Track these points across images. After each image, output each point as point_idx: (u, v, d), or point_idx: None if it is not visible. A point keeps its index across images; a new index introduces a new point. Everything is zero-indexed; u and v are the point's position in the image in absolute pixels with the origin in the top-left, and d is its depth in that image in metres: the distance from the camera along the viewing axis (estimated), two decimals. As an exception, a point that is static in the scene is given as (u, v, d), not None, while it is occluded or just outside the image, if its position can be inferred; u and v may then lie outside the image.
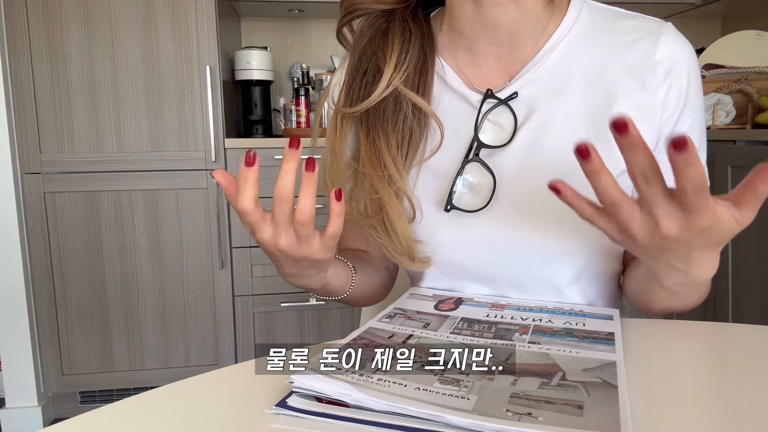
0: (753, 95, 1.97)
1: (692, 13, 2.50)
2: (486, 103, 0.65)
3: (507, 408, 0.38)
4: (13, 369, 1.96)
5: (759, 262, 1.71)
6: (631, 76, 0.62)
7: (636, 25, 0.64)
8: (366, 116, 0.66)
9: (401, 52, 0.65)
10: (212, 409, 0.42)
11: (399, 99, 0.65)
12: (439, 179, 0.66)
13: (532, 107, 0.64)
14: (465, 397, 0.39)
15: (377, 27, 0.67)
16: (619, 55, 0.63)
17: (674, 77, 0.62)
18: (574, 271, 0.66)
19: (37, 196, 1.90)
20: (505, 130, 0.64)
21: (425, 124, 0.66)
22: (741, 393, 0.44)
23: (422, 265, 0.67)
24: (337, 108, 0.68)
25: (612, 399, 0.39)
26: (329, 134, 0.68)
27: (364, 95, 0.65)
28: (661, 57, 0.62)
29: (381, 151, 0.64)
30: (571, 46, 0.65)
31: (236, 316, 2.07)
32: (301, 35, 2.57)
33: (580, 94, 0.63)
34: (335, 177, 0.67)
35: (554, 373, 0.44)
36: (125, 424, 0.40)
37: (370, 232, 0.67)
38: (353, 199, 0.67)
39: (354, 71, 0.67)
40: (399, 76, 0.64)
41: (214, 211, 1.98)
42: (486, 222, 0.65)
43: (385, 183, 0.64)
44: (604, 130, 0.62)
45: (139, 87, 1.91)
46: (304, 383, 0.41)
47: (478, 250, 0.66)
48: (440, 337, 0.51)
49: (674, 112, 0.63)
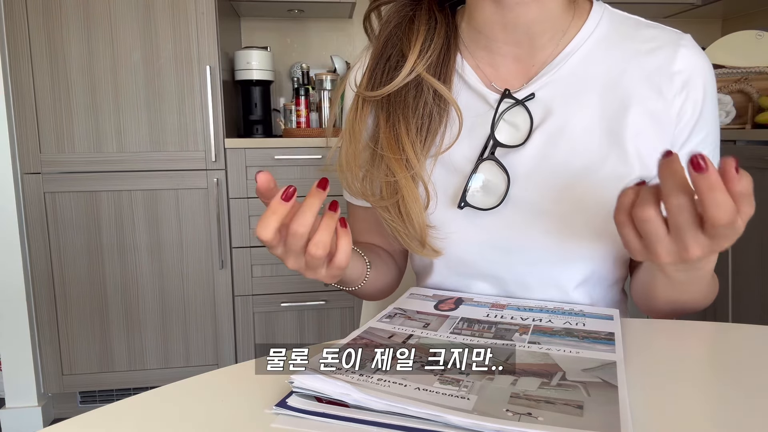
0: (753, 95, 1.97)
1: (692, 13, 2.50)
2: (503, 102, 0.65)
3: (507, 408, 0.38)
4: (13, 369, 1.96)
5: (759, 262, 1.71)
6: (648, 85, 0.63)
7: (655, 34, 0.65)
8: (387, 100, 0.66)
9: (426, 39, 0.66)
10: (212, 409, 0.42)
11: (420, 85, 0.65)
12: (453, 175, 0.66)
13: (548, 110, 0.64)
14: (465, 397, 0.39)
15: (404, 14, 0.68)
16: (637, 63, 0.64)
17: (691, 88, 0.63)
18: (582, 274, 0.66)
19: (37, 196, 1.90)
20: (520, 130, 0.65)
21: (445, 112, 0.66)
22: (741, 393, 0.44)
23: (433, 253, 0.67)
24: (359, 91, 0.68)
25: (612, 399, 0.39)
26: (349, 116, 0.69)
27: (387, 80, 0.66)
28: (680, 68, 0.63)
29: (400, 134, 0.65)
30: (590, 52, 0.65)
31: (236, 316, 2.07)
32: (301, 35, 2.57)
33: (596, 99, 0.64)
34: (352, 158, 0.67)
35: (554, 373, 0.44)
36: (125, 424, 0.40)
37: (383, 215, 0.67)
38: (368, 180, 0.67)
39: (378, 56, 0.68)
40: (423, 63, 0.65)
41: (214, 211, 1.98)
42: (498, 221, 0.65)
43: (403, 166, 0.64)
44: (619, 136, 0.63)
45: (139, 87, 1.91)
46: (304, 383, 0.41)
47: (489, 248, 0.66)
48: (440, 337, 0.51)
49: (689, 123, 0.63)
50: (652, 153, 0.63)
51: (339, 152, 0.69)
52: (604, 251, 0.65)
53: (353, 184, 0.68)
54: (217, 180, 1.96)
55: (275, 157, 1.98)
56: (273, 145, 2.01)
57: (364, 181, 0.67)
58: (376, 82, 0.67)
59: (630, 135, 0.62)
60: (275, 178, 0.49)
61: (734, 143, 1.82)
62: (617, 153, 0.62)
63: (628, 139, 0.62)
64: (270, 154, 1.98)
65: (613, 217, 0.48)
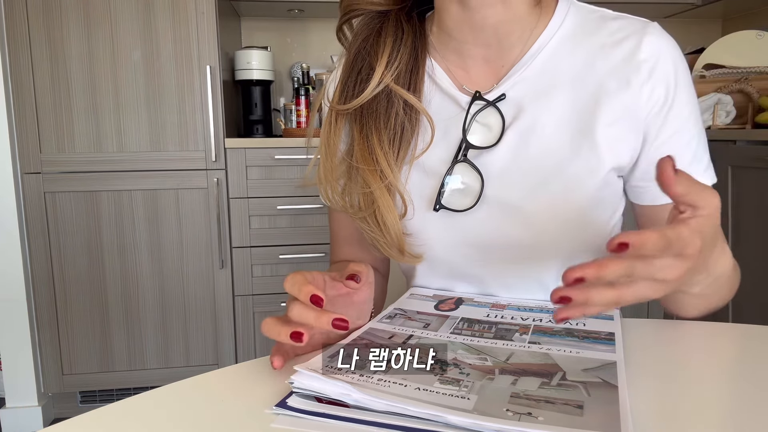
0: (753, 95, 1.97)
1: (692, 13, 2.50)
2: (474, 104, 0.65)
3: (507, 408, 0.38)
4: (13, 369, 1.96)
5: (759, 262, 1.71)
6: (616, 77, 0.63)
7: (621, 26, 0.64)
8: (359, 113, 0.67)
9: (393, 50, 0.66)
10: (212, 409, 0.42)
11: (391, 96, 0.66)
12: (429, 178, 0.67)
13: (519, 108, 0.65)
14: (465, 397, 0.39)
15: (372, 27, 0.69)
16: (604, 56, 0.64)
17: (659, 75, 0.62)
18: (560, 268, 0.66)
19: (37, 195, 1.90)
20: (493, 131, 0.65)
21: (416, 121, 0.67)
22: (741, 393, 0.44)
23: (413, 259, 0.68)
24: (332, 105, 0.69)
25: (612, 399, 0.39)
26: (324, 130, 0.69)
27: (358, 92, 0.66)
28: (645, 56, 0.62)
29: (373, 146, 0.65)
30: (557, 48, 0.65)
31: (236, 315, 2.07)
32: (301, 35, 2.57)
33: (566, 95, 0.64)
34: (329, 172, 0.68)
35: (554, 373, 0.44)
36: (125, 424, 0.40)
37: (362, 225, 0.68)
38: (346, 194, 0.68)
39: (349, 69, 0.68)
40: (390, 74, 0.65)
41: (214, 210, 1.98)
42: (474, 221, 0.66)
43: (377, 177, 0.65)
44: (590, 131, 0.63)
45: (139, 87, 1.91)
46: (304, 383, 0.41)
47: (467, 248, 0.67)
48: (440, 338, 0.51)
49: (662, 110, 0.63)
50: (624, 146, 0.63)
51: (317, 166, 0.70)
52: (580, 243, 0.65)
53: (333, 198, 0.69)
54: (218, 180, 1.96)
55: (275, 157, 1.98)
56: (273, 144, 2.01)
57: (343, 194, 0.68)
58: (348, 95, 0.67)
59: (601, 129, 0.62)
60: (275, 178, 0.49)
61: (734, 143, 1.82)
62: (589, 148, 0.63)
63: (599, 133, 0.62)
64: (270, 154, 1.98)
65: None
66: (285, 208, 2.02)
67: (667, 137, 0.63)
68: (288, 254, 2.06)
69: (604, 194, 0.65)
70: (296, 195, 2.02)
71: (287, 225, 2.05)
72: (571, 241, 0.65)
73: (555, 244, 0.65)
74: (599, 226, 0.66)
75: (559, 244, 0.65)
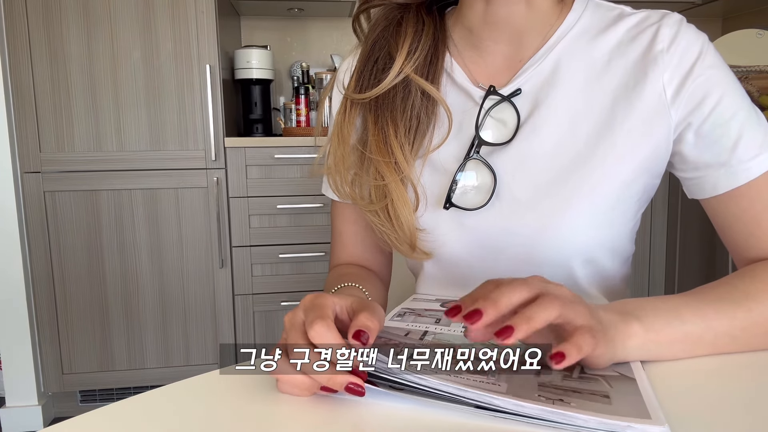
0: (753, 94, 1.97)
1: (692, 12, 2.50)
2: (488, 99, 0.65)
3: (539, 393, 0.38)
4: (13, 368, 1.96)
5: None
6: (634, 73, 0.62)
7: (640, 20, 0.63)
8: (375, 103, 0.66)
9: (413, 41, 0.66)
10: (212, 409, 0.42)
11: (408, 87, 0.65)
12: (441, 175, 0.66)
13: (534, 104, 0.64)
14: (497, 384, 0.40)
15: (392, 17, 0.68)
16: (620, 53, 0.63)
17: (675, 60, 0.60)
18: (574, 270, 0.65)
19: (37, 195, 1.90)
20: (508, 126, 0.64)
21: (433, 112, 0.66)
22: (742, 392, 0.44)
23: (423, 255, 0.67)
24: (347, 93, 0.68)
25: (633, 390, 0.40)
26: (337, 119, 0.69)
27: (375, 82, 0.66)
28: (662, 46, 0.60)
29: (389, 137, 0.65)
30: (572, 43, 0.64)
31: (236, 315, 2.07)
32: (301, 34, 2.57)
33: (581, 91, 0.63)
34: (340, 161, 0.67)
35: (574, 367, 0.44)
36: (126, 423, 0.40)
37: (372, 219, 0.67)
38: (356, 185, 0.67)
39: (366, 58, 0.68)
40: (410, 64, 0.65)
41: (214, 210, 1.98)
42: (486, 220, 0.64)
43: (392, 169, 0.64)
44: (607, 127, 0.62)
45: (139, 86, 1.91)
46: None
47: (477, 247, 0.66)
48: (454, 333, 0.51)
49: (693, 95, 0.59)
50: (645, 142, 0.61)
51: (327, 154, 0.69)
52: (594, 244, 0.64)
53: (342, 188, 0.68)
54: (217, 179, 1.96)
55: (275, 156, 1.98)
56: (273, 144, 2.01)
57: (353, 184, 0.67)
58: (364, 85, 0.67)
59: (618, 125, 0.61)
60: (275, 177, 0.48)
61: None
62: (606, 144, 0.61)
63: (616, 131, 0.61)
64: (270, 153, 1.98)
65: None
66: (285, 208, 2.02)
67: (703, 119, 0.59)
68: (288, 253, 2.06)
69: (622, 194, 0.63)
70: (296, 194, 2.02)
71: (287, 224, 2.05)
72: (584, 239, 0.63)
73: (566, 242, 0.63)
74: (617, 227, 0.65)
75: (571, 241, 0.63)
